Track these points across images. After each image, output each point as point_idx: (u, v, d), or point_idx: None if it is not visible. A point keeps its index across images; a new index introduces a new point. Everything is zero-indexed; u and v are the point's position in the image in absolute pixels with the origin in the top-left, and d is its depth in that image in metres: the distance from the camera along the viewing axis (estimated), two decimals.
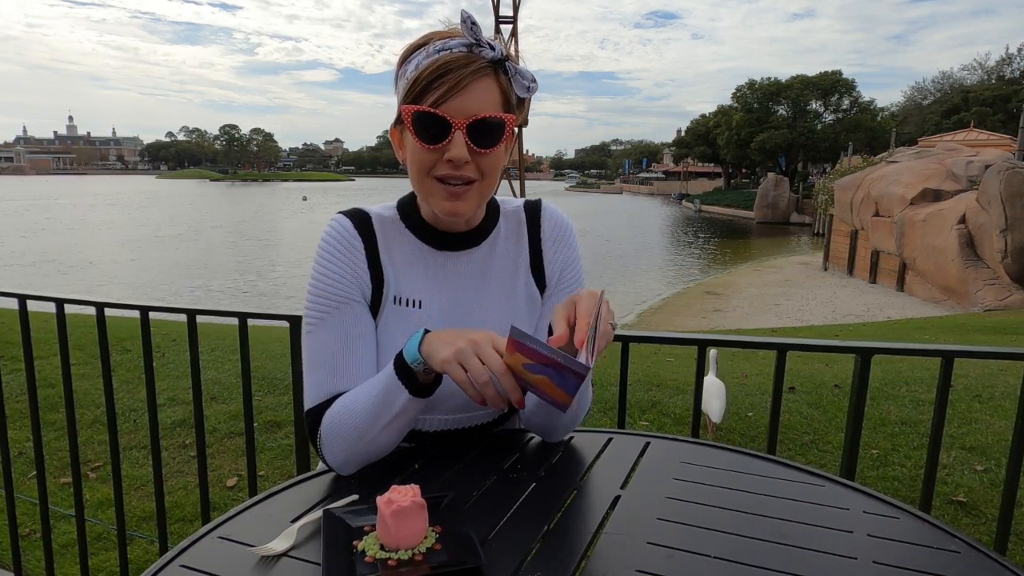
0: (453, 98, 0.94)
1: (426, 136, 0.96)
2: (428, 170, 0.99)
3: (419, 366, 0.91)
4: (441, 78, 0.94)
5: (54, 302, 1.99)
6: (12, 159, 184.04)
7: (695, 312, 16.08)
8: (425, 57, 0.96)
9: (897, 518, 0.92)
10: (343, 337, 1.02)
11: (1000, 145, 24.45)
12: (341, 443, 0.99)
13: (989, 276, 15.23)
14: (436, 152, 0.97)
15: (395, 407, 0.94)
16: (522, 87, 1.00)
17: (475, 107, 0.95)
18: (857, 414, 1.58)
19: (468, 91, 0.94)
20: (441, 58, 0.95)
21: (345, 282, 1.03)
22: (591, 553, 0.82)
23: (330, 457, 1.01)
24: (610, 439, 1.17)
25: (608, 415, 3.78)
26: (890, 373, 5.33)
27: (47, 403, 3.94)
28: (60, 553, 2.61)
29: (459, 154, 0.95)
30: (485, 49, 0.96)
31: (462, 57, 0.95)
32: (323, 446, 1.01)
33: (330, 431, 0.99)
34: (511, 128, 0.99)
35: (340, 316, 1.03)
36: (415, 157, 0.99)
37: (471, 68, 0.94)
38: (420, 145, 0.96)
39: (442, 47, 0.96)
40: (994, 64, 52.16)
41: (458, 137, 0.95)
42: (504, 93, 0.99)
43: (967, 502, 3.15)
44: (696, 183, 79.77)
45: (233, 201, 69.17)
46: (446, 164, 0.97)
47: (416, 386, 0.93)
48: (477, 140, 0.96)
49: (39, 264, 23.41)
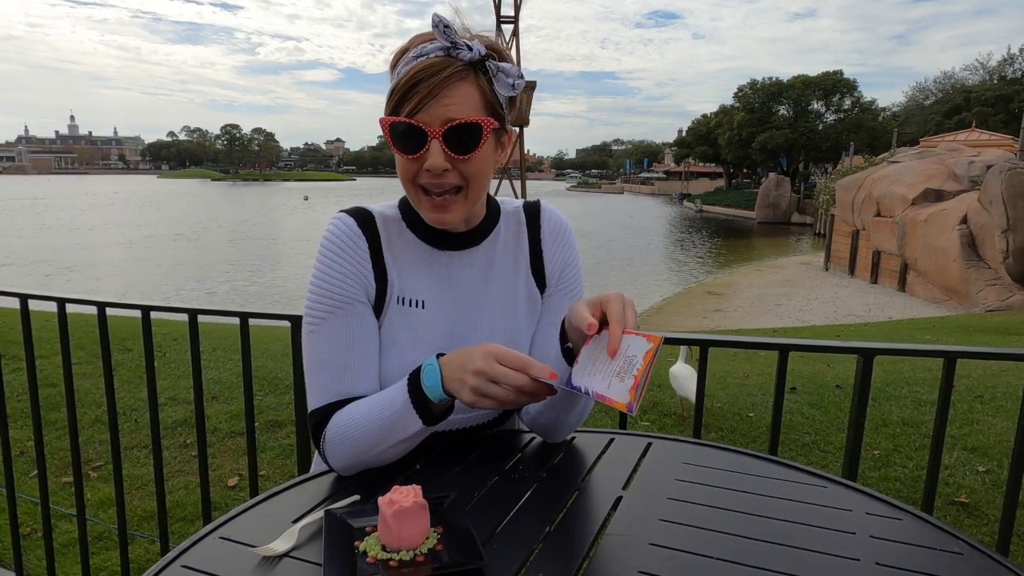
0: (428, 106, 0.93)
1: (403, 146, 0.95)
2: (412, 178, 0.98)
3: (444, 403, 0.94)
4: (416, 87, 0.92)
5: (56, 301, 1.99)
6: (14, 159, 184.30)
7: (696, 312, 16.07)
8: (404, 65, 0.96)
9: (900, 519, 0.92)
10: (347, 338, 1.01)
11: (1002, 145, 24.41)
12: (345, 451, 0.99)
13: (991, 277, 15.21)
14: (416, 161, 0.96)
15: (406, 432, 0.96)
16: (506, 85, 0.98)
17: (451, 113, 0.93)
18: (859, 415, 1.58)
19: (442, 97, 0.93)
20: (417, 65, 0.93)
21: (349, 282, 1.02)
22: (593, 554, 0.82)
23: (332, 460, 1.01)
24: (612, 439, 1.17)
25: (609, 415, 3.78)
26: (891, 373, 5.33)
27: (48, 402, 3.94)
28: (61, 552, 2.61)
29: (436, 163, 0.94)
30: (463, 51, 0.94)
31: (437, 63, 0.93)
32: (326, 449, 1.01)
33: (336, 438, 0.99)
34: (489, 131, 0.96)
35: (344, 316, 1.02)
36: (399, 166, 0.99)
37: (444, 74, 0.92)
38: (399, 155, 0.97)
39: (419, 53, 0.95)
40: (996, 64, 52.14)
41: (435, 146, 0.94)
42: (484, 94, 0.96)
43: (969, 503, 3.14)
44: (697, 183, 79.74)
45: (235, 201, 69.20)
46: (426, 173, 0.96)
47: (430, 417, 0.95)
48: (455, 147, 0.94)
49: (43, 264, 23.43)
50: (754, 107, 53.77)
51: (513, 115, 1.06)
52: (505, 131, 1.03)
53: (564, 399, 1.04)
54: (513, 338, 1.11)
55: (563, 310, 1.15)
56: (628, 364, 0.87)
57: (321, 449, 1.02)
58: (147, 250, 27.83)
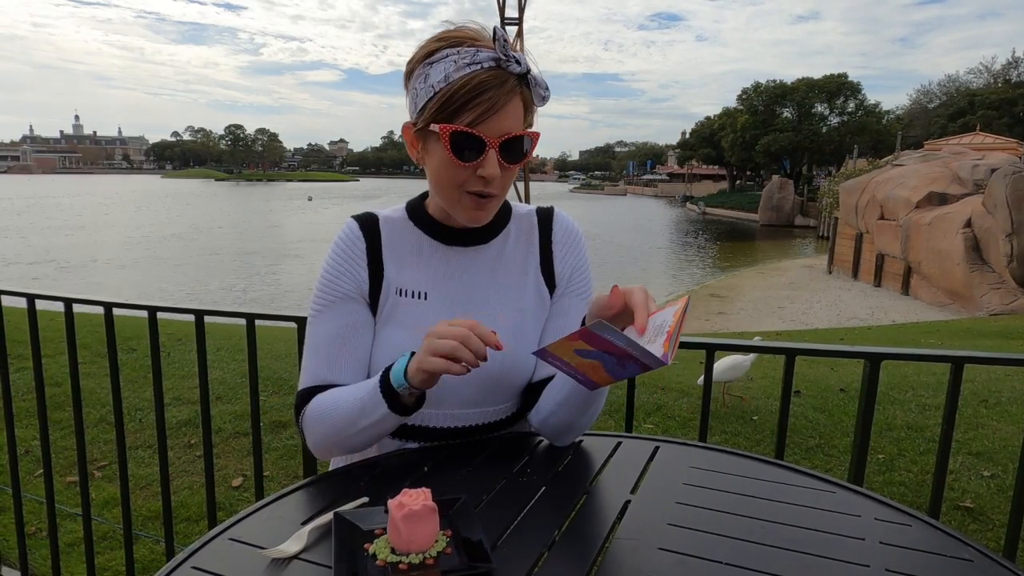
0: (490, 119, 0.96)
1: (461, 155, 0.98)
2: (460, 184, 1.02)
3: (404, 390, 0.96)
4: (477, 98, 0.95)
5: (62, 301, 2.00)
6: (19, 158, 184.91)
7: (699, 314, 16.05)
8: (456, 70, 0.96)
9: (909, 525, 0.91)
10: (338, 328, 1.09)
11: (1006, 149, 24.35)
12: (319, 432, 1.07)
13: (995, 280, 15.17)
14: (469, 169, 1.00)
15: (373, 417, 1.00)
16: (539, 97, 1.03)
17: (507, 126, 0.98)
18: (866, 419, 1.57)
19: (502, 110, 0.97)
20: (474, 76, 0.95)
21: (344, 279, 1.10)
22: (602, 558, 0.82)
23: (308, 439, 1.10)
24: (619, 443, 1.17)
25: (613, 417, 3.78)
26: (896, 377, 5.31)
27: (52, 402, 3.94)
28: (66, 552, 2.62)
29: (493, 172, 0.99)
30: (512, 64, 0.97)
31: (495, 76, 0.96)
32: (304, 426, 1.10)
33: (311, 419, 1.07)
34: (536, 143, 1.03)
35: (337, 309, 1.10)
36: (446, 171, 1.01)
37: (505, 88, 0.96)
38: (455, 162, 0.99)
39: (471, 60, 0.96)
40: (1000, 67, 52.04)
41: (491, 155, 0.98)
42: (527, 106, 1.02)
43: (974, 508, 3.13)
44: (700, 185, 79.60)
45: (239, 201, 69.35)
46: (479, 180, 1.00)
47: (397, 405, 0.99)
48: (507, 156, 1.00)
49: (46, 264, 23.51)
50: (758, 109, 53.68)
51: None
52: None
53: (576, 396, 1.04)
54: (518, 332, 1.12)
55: (572, 311, 1.17)
56: (657, 330, 0.85)
57: (300, 427, 1.11)
58: (150, 250, 27.89)
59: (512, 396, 1.15)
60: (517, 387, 1.14)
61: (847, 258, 21.85)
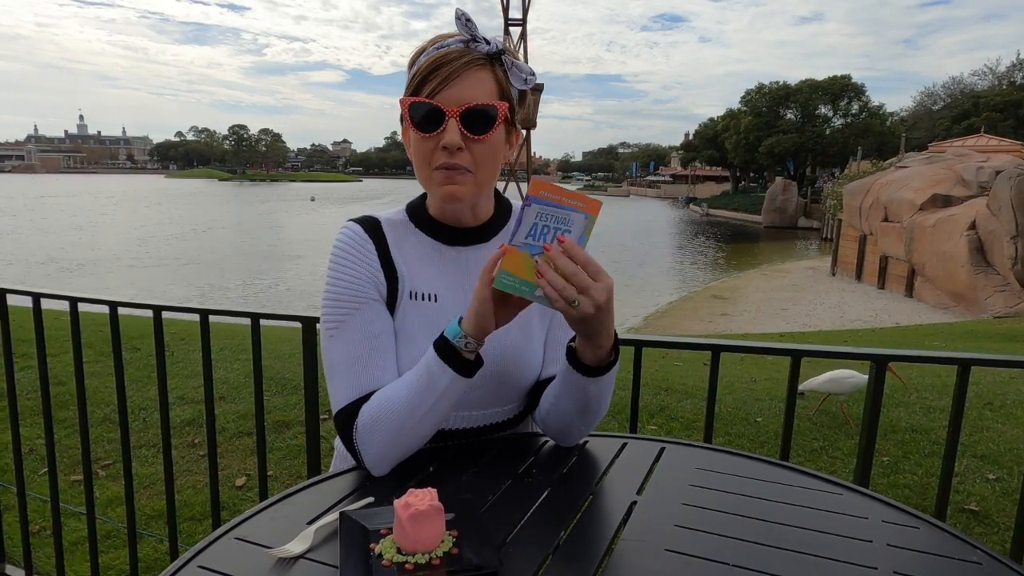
0: (447, 88, 0.98)
1: (422, 125, 1.00)
2: (428, 159, 1.02)
3: (461, 340, 0.94)
4: (436, 71, 0.98)
5: (68, 300, 2.00)
6: (23, 157, 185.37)
7: (702, 316, 16.03)
8: (425, 56, 1.01)
9: (917, 528, 0.91)
10: (368, 336, 1.04)
11: (1011, 151, 24.27)
12: (380, 436, 0.99)
13: (999, 282, 15.13)
14: (432, 140, 1.00)
15: (438, 389, 0.96)
16: (519, 79, 1.04)
17: (468, 95, 0.98)
18: (872, 421, 1.57)
19: (462, 80, 0.98)
20: (438, 53, 1.00)
21: (361, 282, 1.05)
22: (608, 559, 0.81)
23: (367, 453, 1.00)
24: (624, 444, 1.16)
25: (617, 419, 3.77)
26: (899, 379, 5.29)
27: (56, 401, 3.93)
28: (70, 550, 2.62)
29: (452, 139, 0.98)
30: (481, 44, 1.00)
31: (457, 51, 0.99)
32: (360, 441, 1.00)
33: (368, 425, 0.99)
34: (504, 115, 1.01)
35: (362, 316, 1.04)
36: (415, 148, 1.03)
37: (464, 59, 0.99)
38: (417, 134, 1.00)
39: (440, 45, 1.01)
40: (1005, 69, 51.80)
41: (452, 124, 0.98)
42: (500, 84, 1.02)
43: (979, 511, 3.12)
44: (704, 187, 79.49)
45: (242, 201, 69.46)
46: (442, 152, 1.00)
47: (460, 364, 0.95)
48: (471, 127, 0.99)
49: (50, 264, 23.57)
50: (761, 111, 53.58)
51: (521, 116, 1.09)
52: (514, 127, 1.08)
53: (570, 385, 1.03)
54: (526, 330, 1.12)
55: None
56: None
57: (354, 445, 1.01)
58: (152, 250, 27.94)
59: (519, 396, 1.15)
60: (525, 387, 1.14)
61: (851, 260, 21.81)
